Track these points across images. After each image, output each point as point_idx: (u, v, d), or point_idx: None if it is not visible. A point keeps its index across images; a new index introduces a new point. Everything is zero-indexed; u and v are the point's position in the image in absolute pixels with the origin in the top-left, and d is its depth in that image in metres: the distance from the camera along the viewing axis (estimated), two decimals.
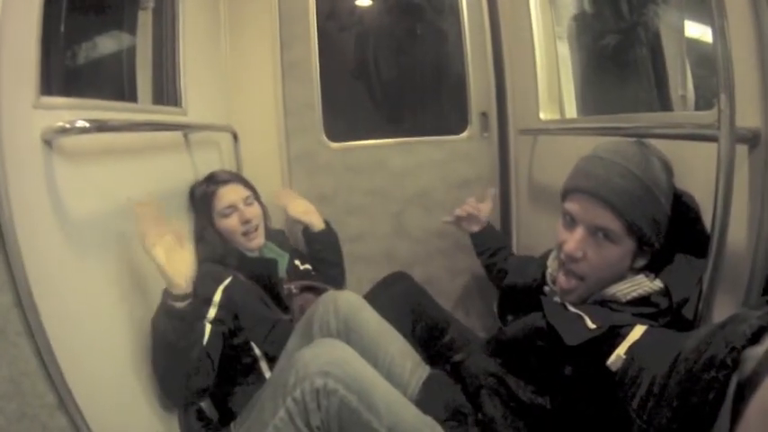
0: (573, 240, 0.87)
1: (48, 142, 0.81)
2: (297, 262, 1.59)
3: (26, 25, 0.80)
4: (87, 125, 0.82)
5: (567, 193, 0.92)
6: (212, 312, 1.12)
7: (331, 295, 1.20)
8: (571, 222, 0.89)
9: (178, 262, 0.99)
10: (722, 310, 0.78)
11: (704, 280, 0.77)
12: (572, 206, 0.89)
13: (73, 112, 0.88)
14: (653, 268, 0.87)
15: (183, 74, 1.48)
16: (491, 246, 1.51)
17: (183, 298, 0.99)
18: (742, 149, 0.76)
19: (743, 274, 0.75)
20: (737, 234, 0.76)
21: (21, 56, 0.78)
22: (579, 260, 0.87)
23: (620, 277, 0.87)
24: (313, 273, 1.62)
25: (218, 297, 1.14)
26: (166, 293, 1.00)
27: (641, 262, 0.87)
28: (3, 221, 0.70)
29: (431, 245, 2.03)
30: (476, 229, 1.54)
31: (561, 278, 0.92)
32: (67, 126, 0.80)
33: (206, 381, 1.06)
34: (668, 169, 0.89)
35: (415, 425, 0.90)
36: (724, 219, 0.73)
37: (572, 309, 0.86)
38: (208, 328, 1.09)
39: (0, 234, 0.71)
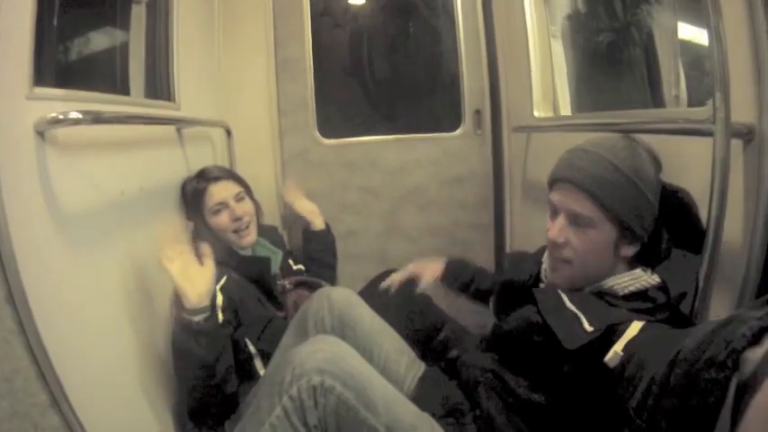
0: (555, 227, 0.89)
1: (40, 133, 0.80)
2: (290, 261, 1.58)
3: (20, 16, 0.78)
4: (81, 116, 0.81)
5: (550, 185, 0.94)
6: (220, 317, 1.10)
7: (325, 291, 1.19)
8: (554, 211, 0.91)
9: (194, 277, 1.02)
10: (718, 304, 0.79)
11: (700, 275, 0.78)
12: (554, 195, 0.91)
13: (66, 103, 0.86)
14: (650, 264, 0.87)
15: (177, 68, 1.47)
16: (463, 280, 1.36)
17: (196, 312, 1.00)
18: (736, 144, 0.77)
19: (738, 269, 0.76)
20: (733, 229, 0.77)
21: (14, 46, 0.77)
22: (562, 246, 0.88)
23: (610, 265, 0.88)
24: (305, 273, 1.61)
25: (219, 300, 1.13)
26: (180, 309, 1.00)
27: (628, 251, 0.87)
28: None
29: (424, 242, 2.02)
30: (435, 279, 1.37)
31: (549, 263, 0.93)
32: (61, 117, 0.79)
33: (235, 385, 1.07)
34: (656, 162, 0.90)
35: (413, 422, 0.89)
36: (719, 214, 0.74)
37: (568, 304, 0.85)
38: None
39: None
